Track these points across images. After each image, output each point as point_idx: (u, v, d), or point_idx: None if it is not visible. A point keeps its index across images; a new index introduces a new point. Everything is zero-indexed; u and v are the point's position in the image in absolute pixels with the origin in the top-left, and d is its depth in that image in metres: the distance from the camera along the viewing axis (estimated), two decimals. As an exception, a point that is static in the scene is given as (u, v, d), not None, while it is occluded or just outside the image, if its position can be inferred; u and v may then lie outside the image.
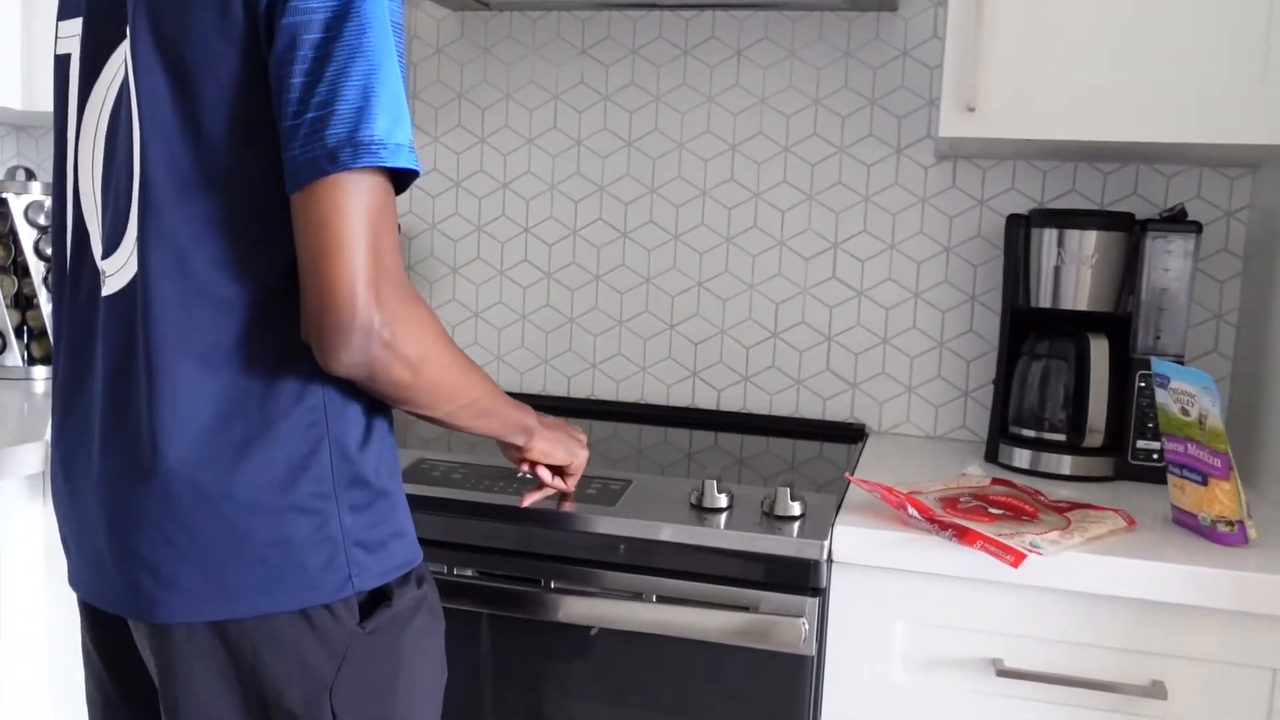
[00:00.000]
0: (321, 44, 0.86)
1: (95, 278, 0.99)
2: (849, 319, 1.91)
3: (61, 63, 1.04)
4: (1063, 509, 1.37)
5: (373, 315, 0.86)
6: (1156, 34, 1.44)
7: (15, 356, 2.10)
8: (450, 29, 2.07)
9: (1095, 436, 1.56)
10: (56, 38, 1.05)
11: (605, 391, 2.05)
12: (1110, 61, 1.46)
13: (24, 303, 2.13)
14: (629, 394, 2.03)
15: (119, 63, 0.95)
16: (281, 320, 0.92)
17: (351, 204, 0.86)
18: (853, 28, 1.87)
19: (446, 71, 2.07)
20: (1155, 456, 1.56)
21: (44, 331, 2.13)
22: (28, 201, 2.10)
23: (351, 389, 0.95)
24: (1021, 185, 1.81)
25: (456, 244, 2.10)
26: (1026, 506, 1.37)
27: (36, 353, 2.13)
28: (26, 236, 2.11)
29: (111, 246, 0.96)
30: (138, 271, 0.93)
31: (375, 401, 0.98)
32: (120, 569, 0.95)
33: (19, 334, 2.11)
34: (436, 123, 2.08)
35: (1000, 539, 1.21)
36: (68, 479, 1.02)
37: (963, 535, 1.24)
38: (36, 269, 2.13)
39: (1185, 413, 1.32)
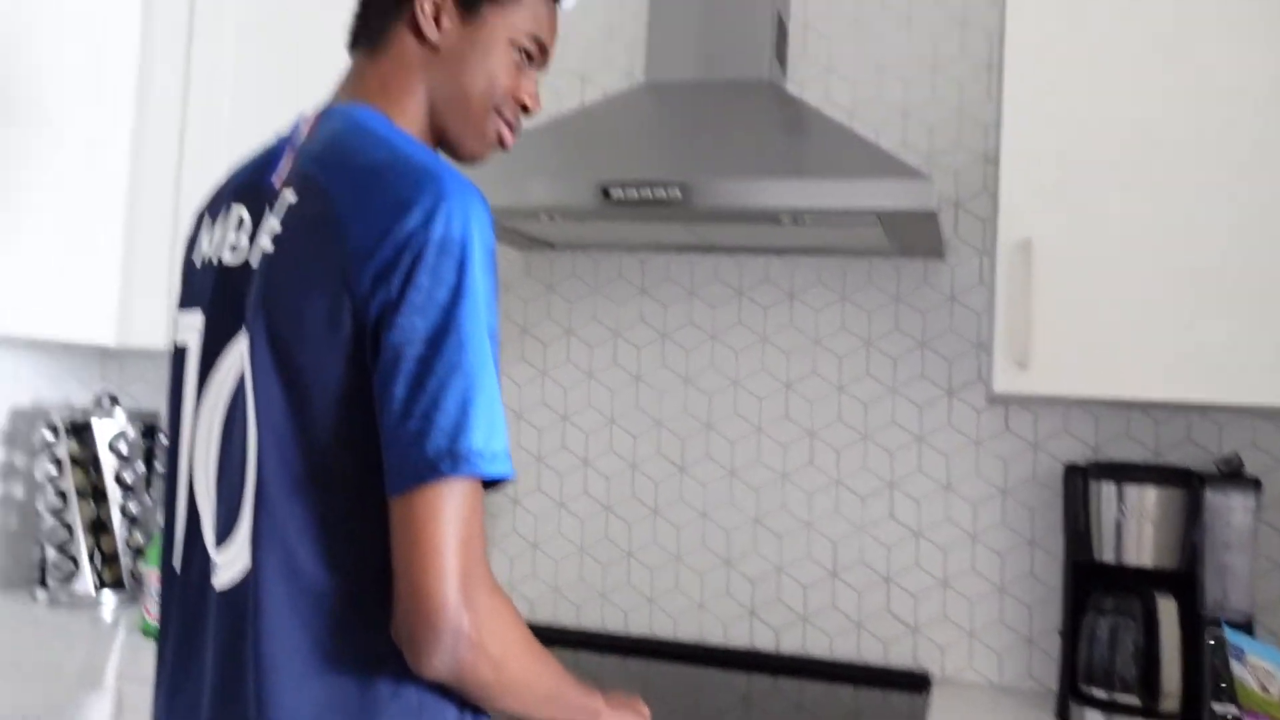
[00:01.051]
0: (423, 359, 0.92)
1: (206, 564, 1.03)
2: (907, 559, 1.90)
3: (179, 352, 1.11)
4: (1136, 787, 1.32)
5: (462, 618, 0.90)
6: (1206, 295, 1.48)
7: (87, 582, 2.15)
8: (516, 267, 2.17)
9: (1170, 700, 1.52)
10: (176, 327, 1.13)
11: (663, 628, 2.03)
12: (1160, 321, 1.49)
13: (99, 527, 2.20)
14: (687, 631, 2.02)
15: (235, 357, 1.02)
16: (377, 620, 0.95)
17: (447, 510, 0.91)
18: (901, 273, 1.94)
19: (511, 307, 2.16)
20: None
21: (115, 556, 2.19)
22: (114, 431, 2.20)
23: (444, 686, 0.97)
24: (1075, 430, 1.82)
25: (517, 475, 2.14)
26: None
27: (108, 577, 2.18)
28: (108, 464, 2.20)
29: (224, 536, 1.00)
30: (250, 568, 0.97)
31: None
32: None
33: (92, 558, 2.17)
34: (500, 356, 2.16)
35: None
36: None
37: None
38: (114, 496, 2.20)
39: (1265, 689, 1.28)
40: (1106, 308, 1.52)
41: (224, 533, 1.00)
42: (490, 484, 0.96)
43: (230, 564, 0.99)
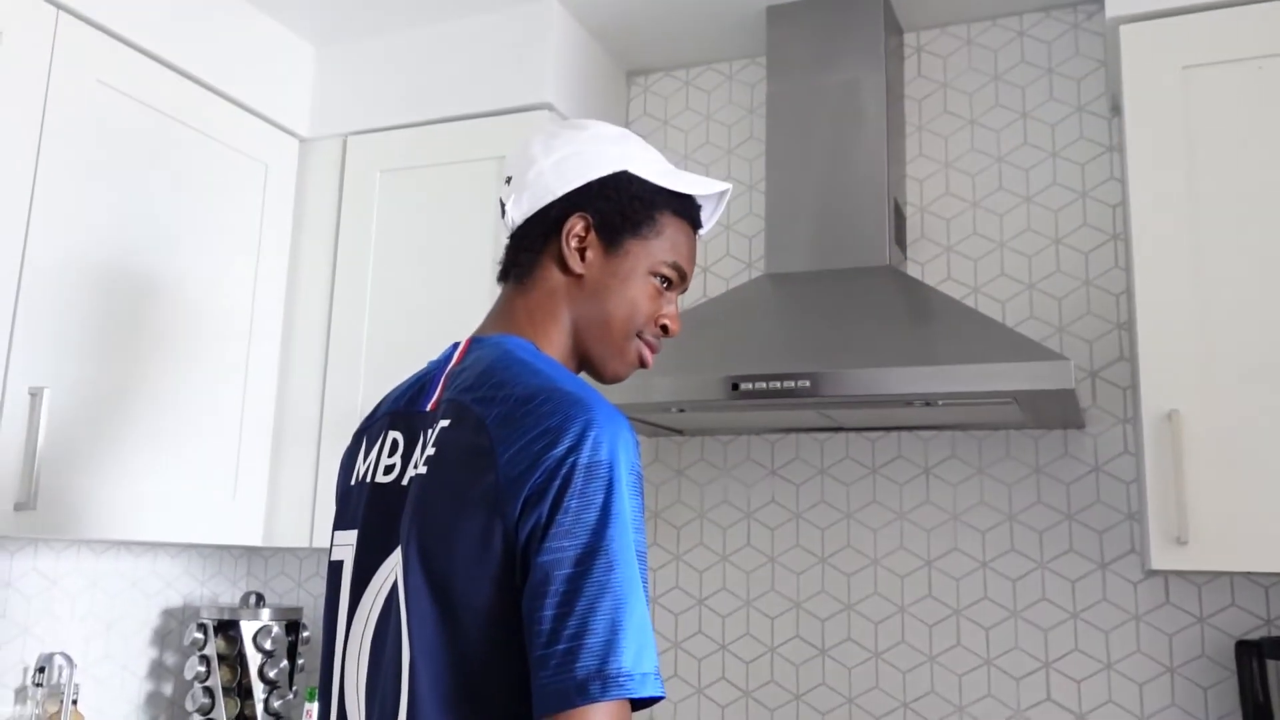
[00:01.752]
0: (572, 579, 0.93)
1: None
2: (1071, 745, 1.81)
3: (335, 569, 1.15)
4: None
5: None
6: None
7: (233, 782, 2.17)
8: (645, 453, 2.20)
9: None
10: (332, 545, 1.17)
11: (812, 820, 1.96)
12: (1325, 492, 1.43)
13: (244, 724, 2.23)
14: (838, 824, 1.94)
15: (388, 572, 1.05)
16: None
17: None
18: (1040, 445, 1.91)
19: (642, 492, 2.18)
20: None
21: (260, 753, 2.21)
22: (257, 627, 2.26)
23: None
24: (1243, 601, 1.74)
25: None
26: None
27: (252, 776, 2.20)
28: (253, 660, 2.25)
29: None
30: None
31: None
32: None
33: (237, 756, 2.19)
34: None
35: None
36: None
37: None
38: (259, 692, 2.24)
39: None
40: (1262, 476, 1.47)
41: None
42: (640, 702, 0.97)
43: None
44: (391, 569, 1.05)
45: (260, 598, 2.34)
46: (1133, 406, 1.84)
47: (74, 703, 2.05)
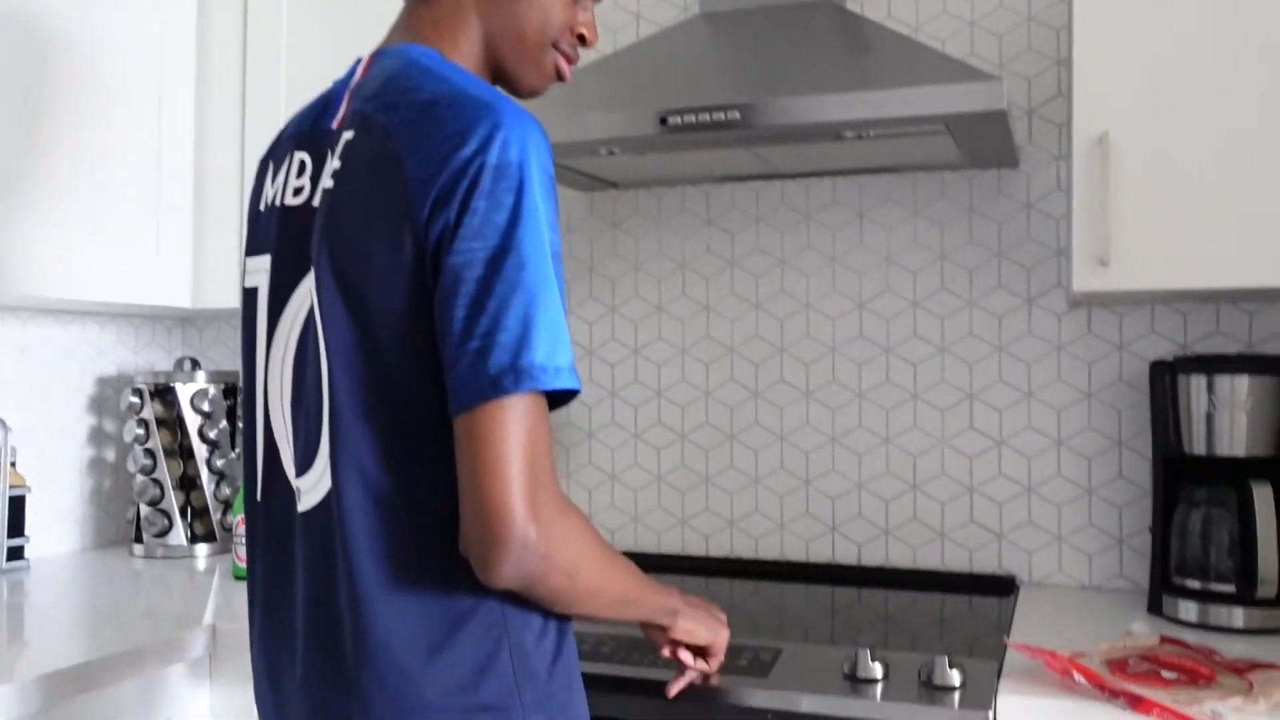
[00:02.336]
0: (483, 279, 0.93)
1: (289, 494, 1.06)
2: (990, 469, 1.89)
3: (250, 295, 1.14)
4: (1241, 669, 1.31)
5: (529, 530, 0.91)
6: (1290, 177, 1.44)
7: (180, 535, 2.21)
8: (580, 208, 2.17)
9: (1268, 587, 1.49)
10: (244, 272, 1.15)
11: (744, 549, 2.05)
12: (1242, 205, 1.45)
13: (188, 483, 2.26)
14: (768, 551, 2.03)
15: (304, 294, 1.04)
16: (453, 535, 0.97)
17: (510, 426, 0.92)
18: (974, 184, 1.91)
19: (577, 246, 2.17)
20: (1336, 608, 1.48)
21: (206, 510, 2.25)
22: (194, 390, 2.25)
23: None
24: (1162, 328, 1.79)
25: (591, 409, 2.16)
26: (1202, 668, 1.31)
27: (199, 530, 2.24)
28: (192, 422, 2.25)
29: (305, 465, 1.03)
30: (331, 489, 1.00)
31: None
32: None
33: (183, 513, 2.23)
34: (569, 295, 2.17)
35: (1178, 708, 1.16)
36: (271, 680, 1.08)
37: (1137, 704, 1.19)
38: (200, 452, 2.26)
39: (1367, 564, 1.25)
40: (1188, 197, 1.48)
41: (304, 461, 1.03)
42: (559, 401, 0.98)
43: (312, 489, 1.02)
44: (308, 289, 1.03)
45: (195, 363, 2.33)
46: (1067, 142, 1.84)
47: (12, 465, 2.06)
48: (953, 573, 1.91)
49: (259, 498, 1.11)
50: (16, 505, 2.03)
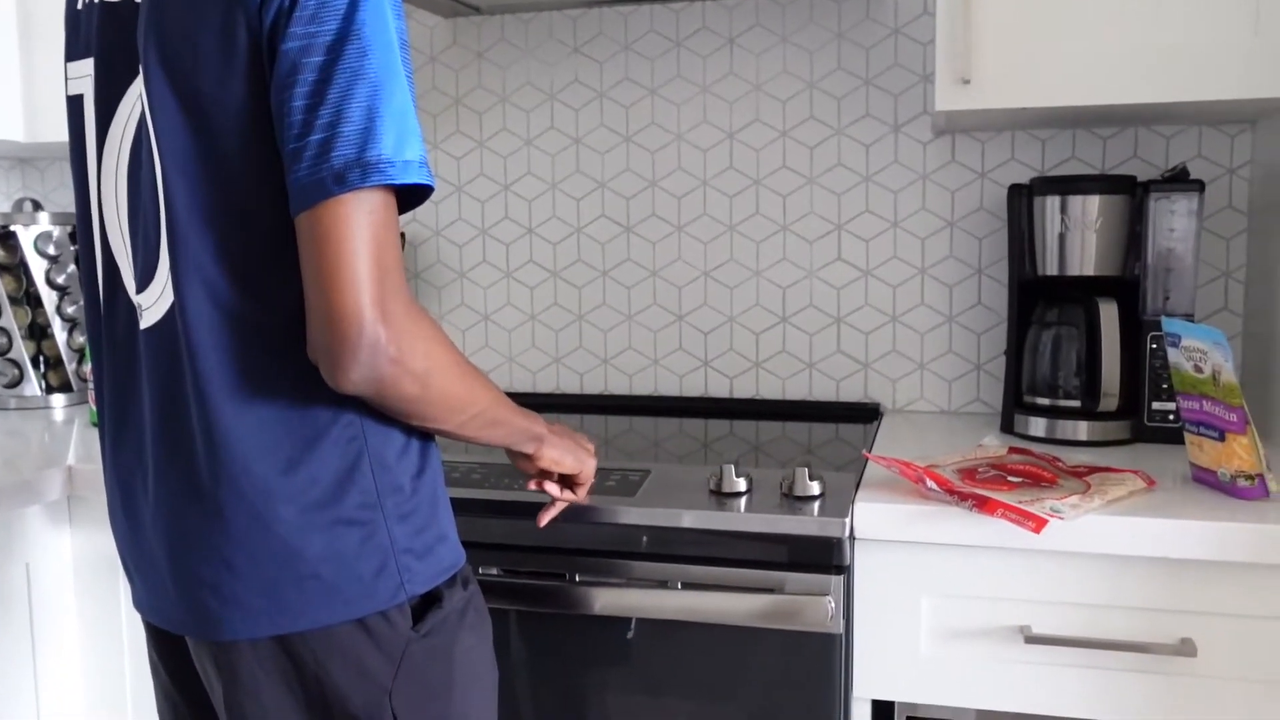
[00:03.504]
0: (323, 66, 0.86)
1: (131, 312, 1.00)
2: (857, 299, 1.92)
3: (75, 103, 1.05)
4: (1081, 473, 1.38)
5: (379, 332, 0.87)
6: (1147, -5, 1.45)
7: (34, 386, 2.12)
8: (443, 36, 2.08)
9: (1110, 400, 1.56)
10: (67, 79, 1.06)
11: (619, 386, 2.05)
12: (1101, 25, 1.46)
13: (39, 333, 2.15)
14: (642, 388, 2.04)
15: (134, 99, 0.96)
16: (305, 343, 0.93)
17: (356, 223, 0.87)
18: (843, 9, 1.88)
19: (442, 78, 2.08)
20: (1171, 417, 1.57)
21: (60, 360, 2.15)
22: (37, 233, 2.12)
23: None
24: (1021, 155, 1.82)
25: (461, 249, 2.11)
26: (1045, 473, 1.37)
27: (54, 381, 2.15)
28: (37, 267, 2.13)
29: (145, 280, 0.97)
30: (174, 302, 0.94)
31: None
32: (182, 592, 0.98)
33: (35, 364, 2.13)
34: (435, 129, 2.09)
35: (1020, 506, 1.22)
36: (125, 507, 1.04)
37: (983, 505, 1.24)
38: (49, 299, 2.15)
39: (1199, 370, 1.32)
40: (1048, 15, 1.48)
41: (144, 275, 0.97)
42: (411, 201, 0.93)
43: (154, 304, 0.97)
44: (138, 92, 0.95)
45: (36, 204, 2.19)
46: (935, -36, 1.82)
47: None
48: (820, 402, 1.95)
49: (101, 318, 1.05)
50: None
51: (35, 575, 1.54)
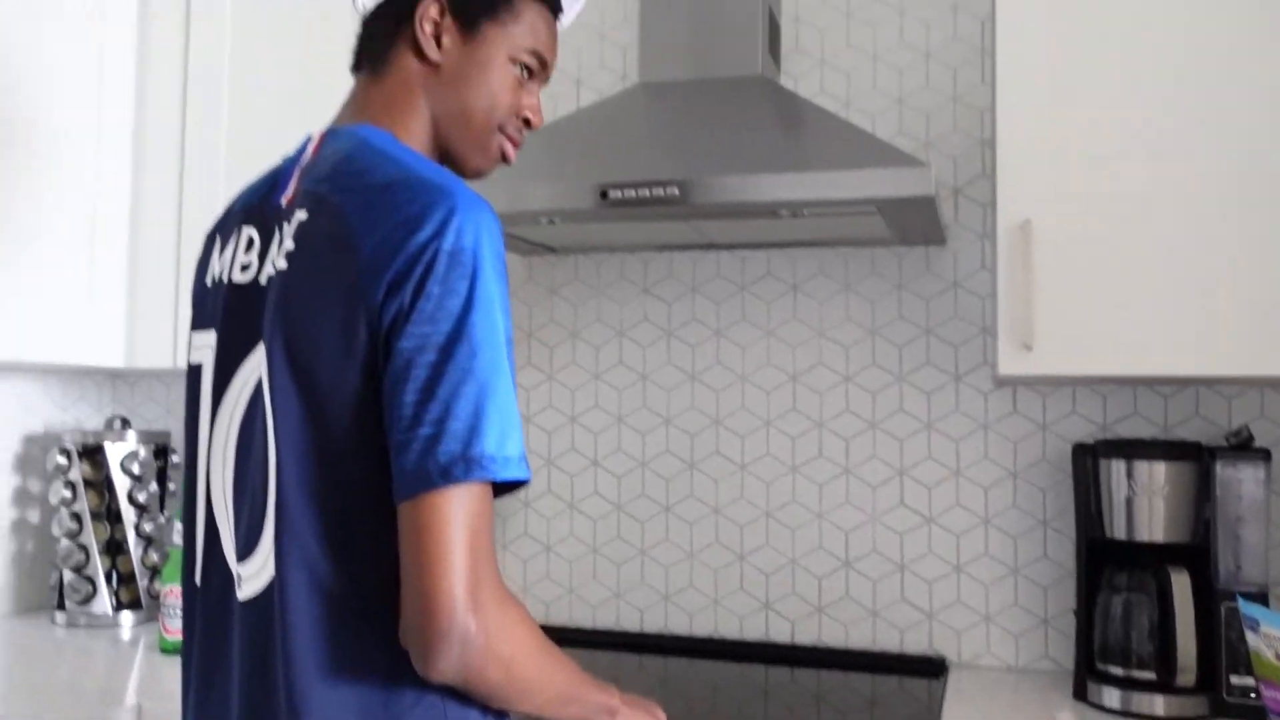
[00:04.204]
0: (435, 364, 0.92)
1: (227, 578, 1.04)
2: (920, 547, 1.91)
3: (194, 371, 1.12)
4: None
5: (469, 622, 0.90)
6: (1208, 268, 1.48)
7: (104, 603, 2.16)
8: (519, 272, 2.18)
9: (1187, 675, 1.51)
10: (190, 347, 1.14)
11: (679, 624, 2.04)
12: (1163, 296, 1.49)
13: (114, 548, 2.21)
14: (702, 627, 2.02)
15: (249, 372, 1.03)
16: (397, 627, 0.96)
17: (456, 515, 0.91)
18: (903, 261, 1.94)
19: (515, 312, 2.17)
20: (1252, 695, 1.51)
21: (133, 576, 2.20)
22: (124, 451, 2.21)
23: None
24: (1083, 409, 1.83)
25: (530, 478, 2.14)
26: (1119, 760, 1.32)
27: (124, 597, 2.19)
28: (121, 484, 2.21)
29: (246, 551, 1.01)
30: (274, 578, 0.98)
31: None
32: None
33: (108, 579, 2.18)
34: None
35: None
36: None
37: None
38: (129, 516, 2.21)
39: None
40: (1110, 285, 1.52)
41: (246, 546, 1.01)
42: (505, 489, 0.97)
43: (255, 576, 1.00)
44: (254, 368, 1.02)
45: (125, 422, 2.29)
46: (992, 222, 1.88)
47: (-70, 528, 2.00)
48: (884, 653, 1.91)
49: (197, 580, 1.09)
50: (-67, 571, 1.98)
51: (91, 817, 1.54)
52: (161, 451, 2.28)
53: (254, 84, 2.02)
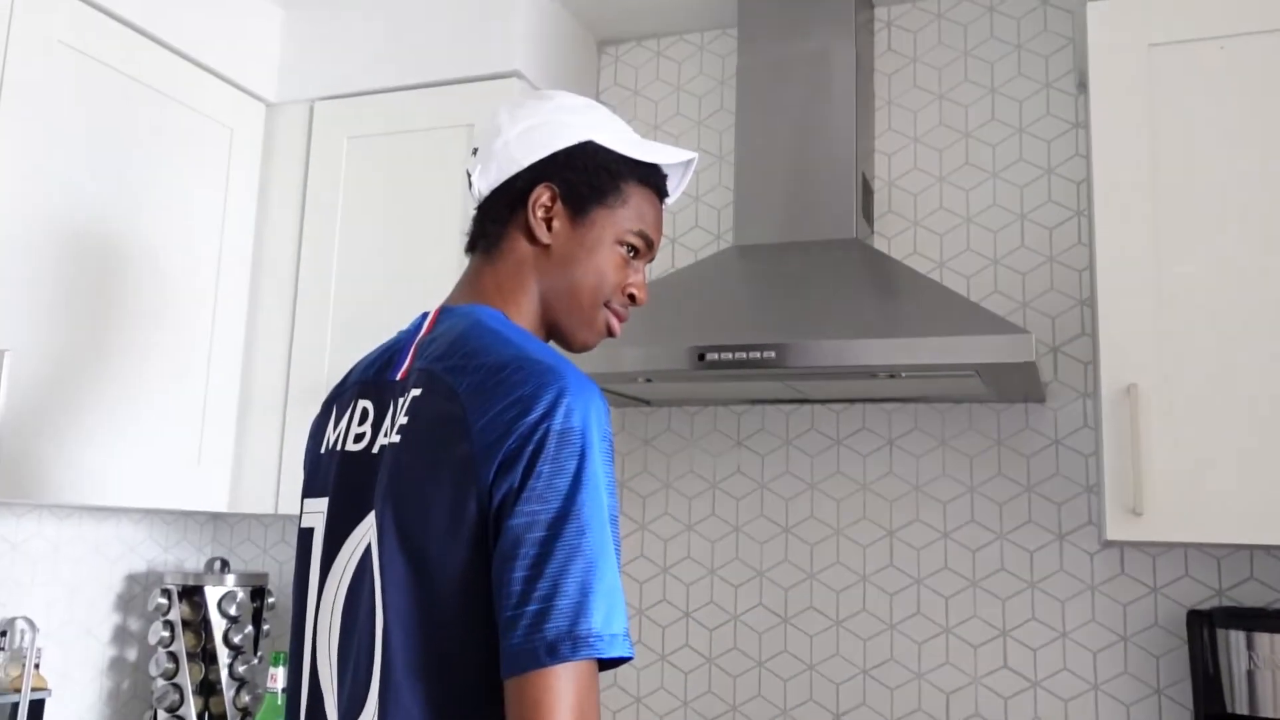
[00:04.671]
0: (543, 542, 0.95)
1: None
2: (1025, 713, 1.85)
3: (305, 535, 1.16)
4: None
5: None
6: (1320, 440, 1.45)
7: (197, 748, 2.18)
8: (613, 424, 2.20)
9: None
10: (302, 513, 1.18)
11: (773, 785, 1.99)
12: (1275, 461, 1.46)
13: (208, 689, 2.23)
14: (798, 788, 1.97)
15: (358, 539, 1.06)
16: None
17: (564, 692, 0.92)
18: (1002, 418, 1.94)
19: (609, 462, 2.19)
20: None
21: (224, 718, 2.22)
22: (222, 593, 2.25)
23: None
24: (1196, 573, 1.78)
25: (619, 629, 2.14)
26: None
27: (217, 741, 2.20)
28: (218, 626, 2.25)
29: (350, 716, 1.03)
30: None
31: None
32: None
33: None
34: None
35: None
36: None
37: None
38: (224, 657, 2.24)
39: None
40: (1220, 450, 1.50)
41: (350, 712, 1.03)
42: (609, 665, 0.98)
43: None
44: (363, 536, 1.05)
45: (225, 563, 2.34)
46: (1093, 381, 1.87)
47: (36, 666, 2.05)
48: (989, 818, 1.84)
49: None
50: (36, 708, 2.01)
51: None
52: (259, 593, 2.32)
53: (360, 258, 2.12)
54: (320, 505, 1.14)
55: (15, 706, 1.98)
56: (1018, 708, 1.85)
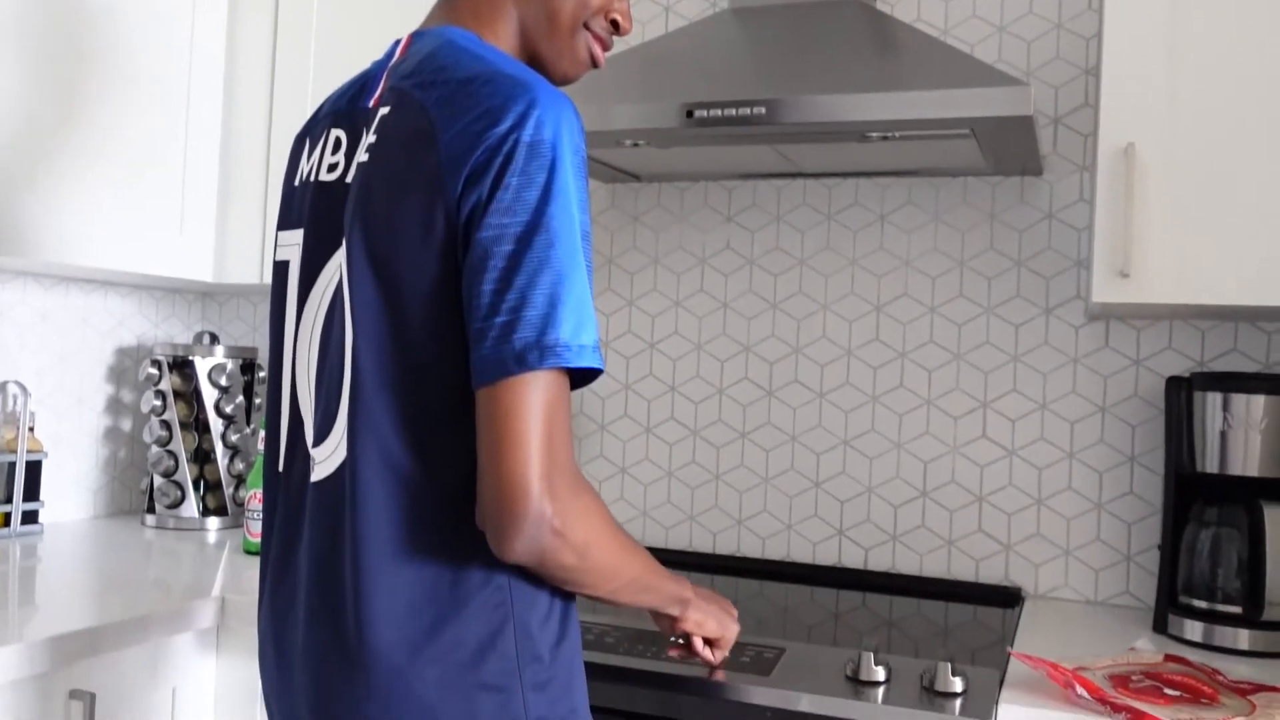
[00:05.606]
0: (512, 254, 0.94)
1: (306, 463, 1.07)
2: (1001, 479, 1.88)
3: (281, 268, 1.15)
4: (1245, 691, 1.30)
5: (545, 506, 0.92)
6: (1317, 198, 1.43)
7: (192, 508, 2.23)
8: (601, 199, 2.18)
9: (1275, 609, 1.48)
10: (277, 245, 1.17)
11: (751, 549, 2.05)
12: (1268, 223, 1.44)
13: (202, 457, 2.27)
14: (775, 551, 2.03)
15: (334, 268, 1.05)
16: (468, 510, 0.98)
17: (532, 401, 0.92)
18: (996, 192, 1.90)
19: (598, 238, 2.17)
20: (1343, 633, 1.47)
21: (219, 484, 2.27)
22: (212, 364, 2.27)
23: (535, 573, 1.00)
24: (1179, 345, 1.78)
25: (605, 401, 2.16)
26: (1205, 687, 1.30)
27: (211, 504, 2.26)
28: (209, 396, 2.27)
29: (322, 435, 1.04)
30: (345, 459, 1.01)
31: None
32: None
33: (195, 486, 2.24)
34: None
35: (1179, 725, 1.16)
36: (276, 653, 1.09)
37: (1138, 719, 1.18)
38: (216, 426, 2.28)
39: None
40: (1214, 212, 1.47)
41: (322, 432, 1.04)
42: (580, 381, 0.99)
43: (327, 458, 1.03)
44: (339, 263, 1.04)
45: (214, 337, 2.35)
46: (1092, 153, 1.83)
47: (30, 429, 2.08)
48: (958, 581, 1.90)
49: (280, 469, 1.12)
50: (33, 470, 2.05)
51: (180, 701, 1.59)
52: (248, 367, 2.34)
53: (343, 3, 2.04)
54: (295, 238, 1.12)
55: (11, 466, 2.01)
56: (992, 475, 1.89)
